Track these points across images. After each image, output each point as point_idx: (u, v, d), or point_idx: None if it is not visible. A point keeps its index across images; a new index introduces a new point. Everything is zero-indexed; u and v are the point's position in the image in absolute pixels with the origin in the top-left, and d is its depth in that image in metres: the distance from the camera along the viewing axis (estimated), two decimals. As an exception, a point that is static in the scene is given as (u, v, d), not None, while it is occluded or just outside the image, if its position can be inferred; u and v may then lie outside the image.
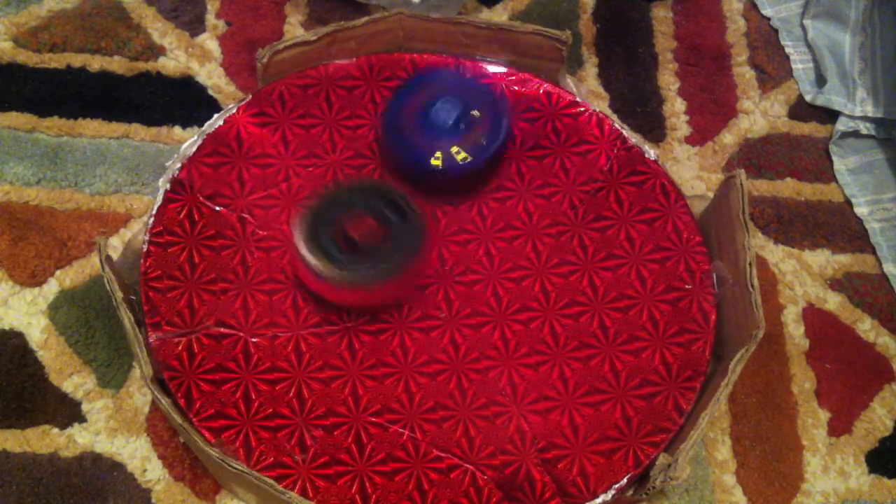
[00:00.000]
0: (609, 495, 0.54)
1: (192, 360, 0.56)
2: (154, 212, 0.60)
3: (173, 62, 0.75)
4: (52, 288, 0.64)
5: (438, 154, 0.61)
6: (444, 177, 0.62)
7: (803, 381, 0.66)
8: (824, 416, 0.65)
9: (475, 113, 0.62)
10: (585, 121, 0.67)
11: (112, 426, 0.59)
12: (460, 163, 0.61)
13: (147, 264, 0.59)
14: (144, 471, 0.58)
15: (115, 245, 0.65)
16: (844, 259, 0.72)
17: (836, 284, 0.70)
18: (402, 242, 0.57)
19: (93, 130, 0.71)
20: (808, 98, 0.80)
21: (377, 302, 0.59)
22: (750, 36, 0.84)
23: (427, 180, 0.63)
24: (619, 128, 0.67)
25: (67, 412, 0.59)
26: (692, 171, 0.75)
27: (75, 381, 0.60)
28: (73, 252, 0.65)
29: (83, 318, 0.63)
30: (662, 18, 0.84)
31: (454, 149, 0.61)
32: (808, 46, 0.82)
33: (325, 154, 0.65)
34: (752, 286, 0.56)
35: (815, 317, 0.69)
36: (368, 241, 0.56)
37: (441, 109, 0.61)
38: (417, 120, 0.62)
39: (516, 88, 0.68)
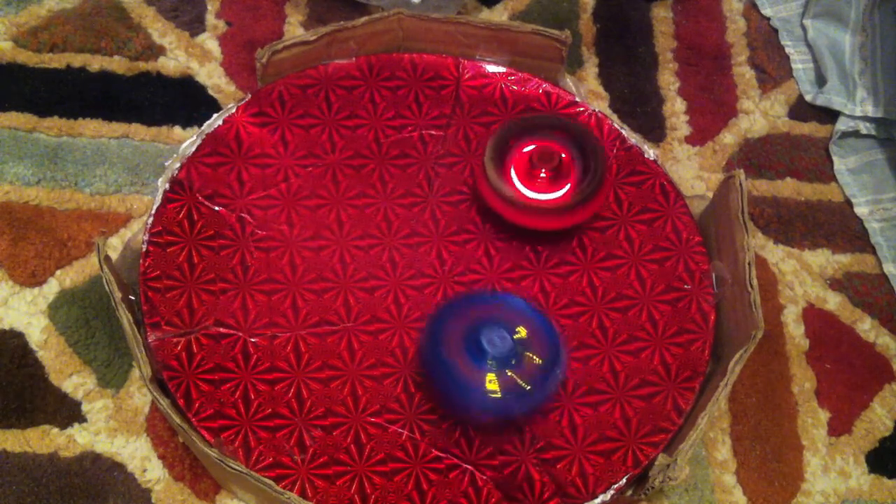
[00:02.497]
0: (608, 495, 0.54)
1: (192, 361, 0.56)
2: (153, 212, 0.61)
3: (173, 62, 0.75)
4: (52, 288, 0.64)
5: (493, 380, 0.53)
6: (501, 408, 0.54)
7: (803, 381, 0.66)
8: (824, 416, 0.65)
9: (524, 335, 0.54)
10: (585, 121, 0.67)
11: (112, 426, 0.59)
12: (520, 392, 0.53)
13: (146, 264, 0.59)
14: (144, 471, 0.58)
15: (115, 245, 0.65)
16: (844, 259, 0.72)
17: (836, 284, 0.70)
18: (586, 175, 0.61)
19: (93, 130, 0.71)
20: (808, 98, 0.80)
21: (561, 226, 0.61)
22: (750, 36, 0.84)
23: (480, 412, 0.55)
24: (619, 128, 0.67)
25: (67, 412, 0.59)
26: (692, 171, 0.75)
27: (75, 381, 0.60)
28: (73, 252, 0.65)
29: (83, 318, 0.63)
30: (662, 18, 0.84)
31: (510, 374, 0.53)
32: (808, 46, 0.82)
33: (324, 154, 0.65)
34: (752, 286, 0.56)
35: (815, 317, 0.69)
36: (554, 170, 0.61)
37: (493, 335, 0.53)
38: (463, 348, 0.54)
39: (516, 88, 0.68)
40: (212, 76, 0.75)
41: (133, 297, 0.57)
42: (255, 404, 0.55)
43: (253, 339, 0.57)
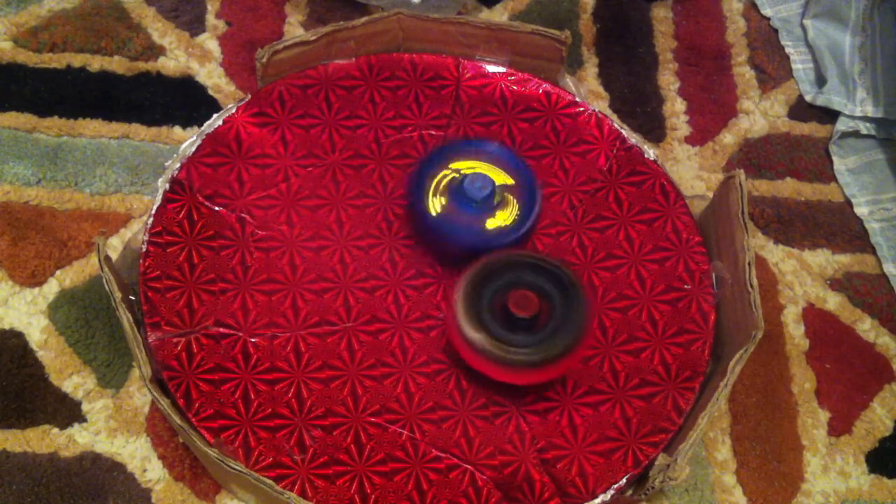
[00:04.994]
0: (608, 495, 0.54)
1: (192, 361, 0.56)
2: (153, 212, 0.60)
3: (173, 62, 0.75)
4: (52, 288, 0.64)
5: (490, 224, 0.59)
6: (489, 244, 0.59)
7: (803, 381, 0.66)
8: (824, 416, 0.65)
9: (508, 181, 0.61)
10: (585, 121, 0.67)
11: (112, 426, 0.59)
12: (510, 232, 0.59)
13: (146, 264, 0.59)
14: (144, 471, 0.58)
15: (115, 245, 0.65)
16: (844, 259, 0.72)
17: (836, 284, 0.70)
18: (566, 320, 0.55)
19: (93, 130, 0.71)
20: (808, 98, 0.80)
21: (544, 380, 0.56)
22: (750, 36, 0.84)
23: (471, 250, 0.59)
24: (619, 128, 0.67)
25: (67, 412, 0.59)
26: (692, 171, 0.75)
27: (75, 381, 0.60)
28: (73, 252, 0.65)
29: (83, 318, 0.63)
30: (662, 18, 0.84)
31: (501, 216, 0.59)
32: (808, 46, 0.82)
33: (324, 154, 0.65)
34: (752, 286, 0.56)
35: (815, 317, 0.69)
36: (532, 318, 0.55)
37: (476, 182, 0.59)
38: (451, 196, 0.60)
39: (516, 88, 0.68)
40: (212, 76, 0.75)
41: (133, 297, 0.57)
42: (255, 404, 0.55)
43: (253, 339, 0.57)
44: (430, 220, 0.60)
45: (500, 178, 0.61)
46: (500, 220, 0.60)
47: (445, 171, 0.61)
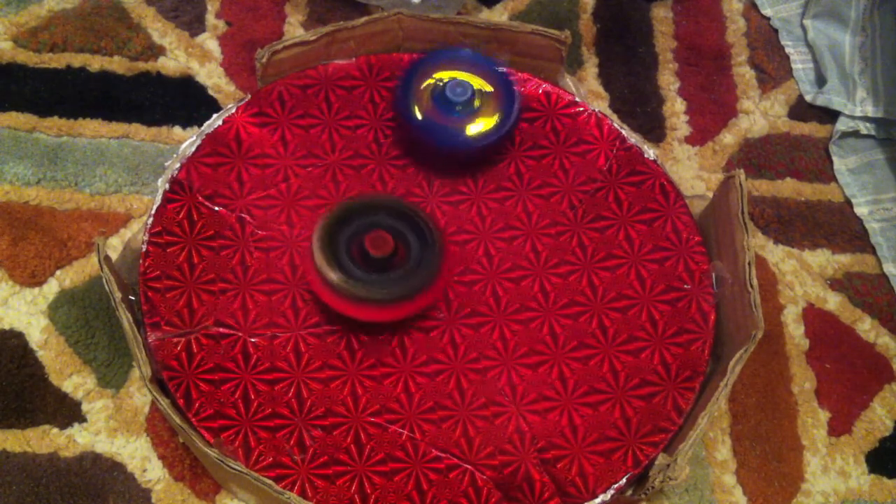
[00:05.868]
0: (608, 495, 0.54)
1: (192, 361, 0.56)
2: (153, 212, 0.60)
3: (173, 62, 0.75)
4: (52, 288, 0.64)
5: (470, 127, 0.62)
6: (475, 149, 0.64)
7: (803, 381, 0.66)
8: (824, 416, 0.65)
9: (487, 88, 0.63)
10: (584, 121, 0.67)
11: (112, 426, 0.59)
12: (489, 135, 0.63)
13: (146, 264, 0.59)
14: (144, 471, 0.58)
15: (115, 245, 0.65)
16: (844, 259, 0.72)
17: (836, 284, 0.70)
18: (422, 260, 0.56)
19: (93, 130, 0.71)
20: (808, 98, 0.80)
21: (393, 318, 0.57)
22: (750, 36, 0.84)
23: (459, 155, 0.65)
24: (619, 128, 0.67)
25: (67, 412, 0.60)
26: (692, 171, 0.75)
27: (75, 381, 0.61)
28: (73, 252, 0.65)
29: (83, 318, 0.63)
30: (662, 18, 0.84)
31: (479, 122, 0.62)
32: (808, 46, 0.82)
33: (324, 154, 0.65)
34: (752, 286, 0.56)
35: (815, 317, 0.69)
36: (387, 258, 0.56)
37: (457, 87, 0.62)
38: (434, 102, 0.63)
39: (516, 88, 0.68)
40: (212, 76, 0.75)
41: (133, 297, 0.57)
42: (255, 404, 0.55)
43: (253, 339, 0.57)
44: (416, 123, 0.62)
45: (480, 85, 0.63)
46: (484, 126, 0.62)
47: (429, 80, 0.63)
